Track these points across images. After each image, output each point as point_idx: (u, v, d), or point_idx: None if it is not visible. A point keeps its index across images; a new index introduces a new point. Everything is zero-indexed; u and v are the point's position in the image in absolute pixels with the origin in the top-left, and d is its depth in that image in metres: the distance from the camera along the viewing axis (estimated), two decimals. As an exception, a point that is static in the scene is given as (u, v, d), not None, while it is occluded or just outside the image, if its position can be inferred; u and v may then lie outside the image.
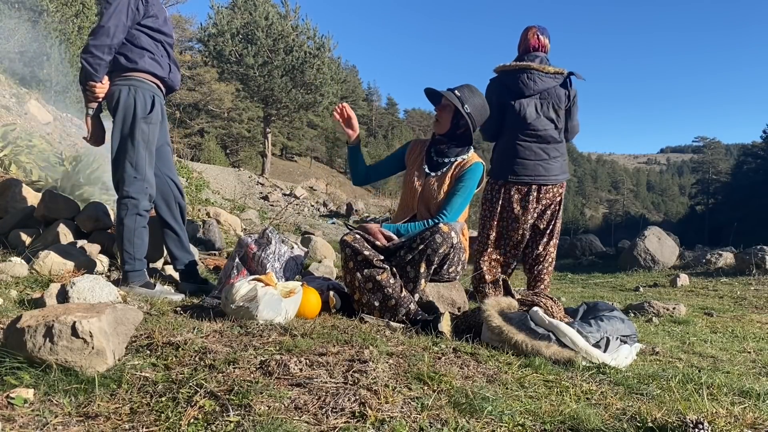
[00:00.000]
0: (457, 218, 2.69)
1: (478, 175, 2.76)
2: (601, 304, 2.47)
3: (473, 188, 2.77)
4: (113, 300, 2.31)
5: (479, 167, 2.77)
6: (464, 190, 2.72)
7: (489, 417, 1.35)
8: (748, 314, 4.15)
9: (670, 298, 4.95)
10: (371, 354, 1.73)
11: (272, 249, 2.81)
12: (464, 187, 2.72)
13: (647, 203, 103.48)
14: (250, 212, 12.39)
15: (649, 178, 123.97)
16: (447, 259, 2.51)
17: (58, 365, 1.43)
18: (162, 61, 2.82)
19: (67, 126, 10.10)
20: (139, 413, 1.27)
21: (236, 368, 1.53)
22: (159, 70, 2.80)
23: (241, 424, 1.21)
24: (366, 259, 2.47)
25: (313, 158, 54.22)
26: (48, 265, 2.77)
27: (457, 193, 2.71)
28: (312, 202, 23.13)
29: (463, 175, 2.74)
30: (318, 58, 26.37)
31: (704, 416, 1.37)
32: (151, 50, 2.76)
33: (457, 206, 2.69)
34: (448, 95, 2.71)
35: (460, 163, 2.78)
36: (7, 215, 3.55)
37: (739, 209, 42.49)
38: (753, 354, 2.74)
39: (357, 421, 1.28)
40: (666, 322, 3.60)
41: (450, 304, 2.68)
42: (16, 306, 2.23)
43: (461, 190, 2.71)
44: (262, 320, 2.10)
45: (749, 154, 56.29)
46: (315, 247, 6.89)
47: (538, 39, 3.48)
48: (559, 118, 3.45)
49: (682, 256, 7.95)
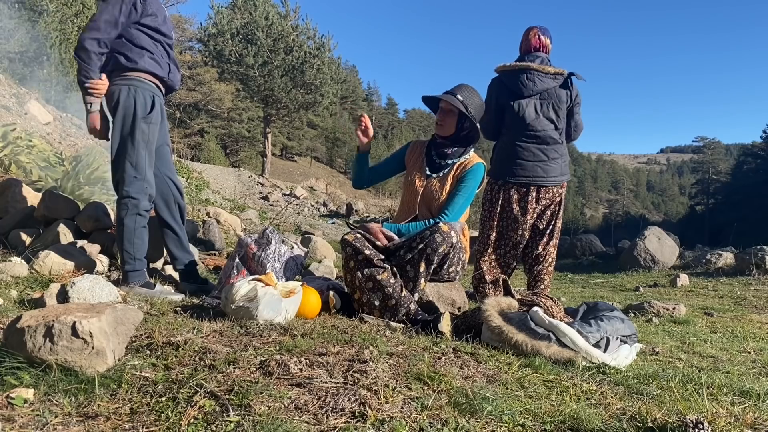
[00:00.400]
0: (458, 218, 2.70)
1: (479, 175, 2.78)
2: (601, 304, 2.47)
3: (475, 188, 2.78)
4: (113, 300, 2.31)
5: (480, 167, 2.79)
6: (466, 191, 2.73)
7: (489, 417, 1.35)
8: (748, 314, 4.15)
9: (670, 298, 4.95)
10: (371, 354, 1.73)
11: (272, 249, 2.81)
12: (466, 187, 2.73)
13: (647, 203, 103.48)
14: (250, 212, 12.40)
15: (649, 178, 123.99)
16: (447, 258, 2.51)
17: (58, 365, 1.43)
18: (161, 61, 2.82)
19: (67, 126, 10.09)
20: (139, 413, 1.27)
21: (236, 368, 1.53)
22: (159, 69, 2.79)
23: (241, 424, 1.21)
24: (367, 259, 2.47)
25: (313, 158, 54.22)
26: (48, 265, 2.77)
27: (459, 193, 2.72)
28: (312, 202, 23.14)
29: (465, 176, 2.75)
30: (318, 58, 26.39)
31: (704, 416, 1.37)
32: (151, 50, 2.76)
33: (459, 206, 2.71)
34: (451, 100, 2.72)
35: (461, 164, 2.79)
36: (7, 215, 3.55)
37: (739, 209, 42.48)
38: (753, 354, 2.74)
39: (357, 421, 1.28)
40: (666, 322, 3.60)
41: (450, 304, 2.68)
42: (16, 306, 2.23)
43: (463, 191, 2.73)
44: (262, 320, 2.10)
45: (749, 154, 56.26)
46: (315, 247, 6.88)
47: (539, 39, 3.48)
48: (559, 118, 3.45)
49: (682, 256, 7.95)
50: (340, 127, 54.65)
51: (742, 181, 51.98)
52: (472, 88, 2.83)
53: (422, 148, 2.93)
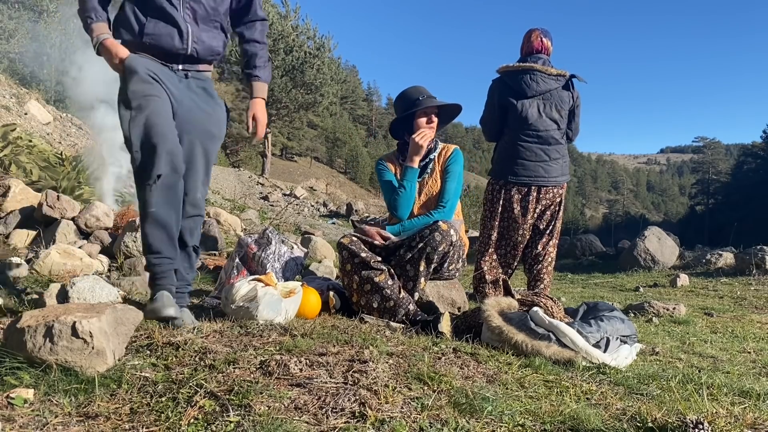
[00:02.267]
0: (456, 204, 2.77)
1: (461, 158, 2.87)
2: (601, 304, 2.47)
3: (461, 171, 2.86)
4: (113, 300, 2.31)
5: (459, 151, 2.89)
6: (454, 176, 2.80)
7: (489, 417, 1.35)
8: (748, 314, 4.15)
9: (670, 299, 4.95)
10: (371, 354, 1.73)
11: (272, 249, 2.82)
12: (453, 172, 2.80)
13: (647, 203, 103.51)
14: (250, 212, 12.40)
15: (649, 178, 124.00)
16: (447, 257, 2.52)
17: (58, 365, 1.43)
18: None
19: (67, 126, 10.09)
20: (139, 413, 1.27)
21: (236, 368, 1.53)
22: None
23: (241, 424, 1.21)
24: (363, 261, 2.48)
25: (313, 158, 54.22)
26: (48, 265, 2.77)
27: (448, 179, 2.78)
28: (312, 202, 23.13)
29: (450, 164, 2.81)
30: (318, 59, 26.39)
31: (704, 416, 1.37)
32: None
33: (453, 191, 2.77)
34: (434, 103, 2.75)
35: (441, 153, 2.85)
36: (7, 215, 3.55)
37: (739, 209, 42.49)
38: (753, 354, 2.74)
39: (357, 421, 1.28)
40: (666, 323, 3.60)
41: (450, 304, 2.68)
42: (16, 306, 2.23)
43: (451, 177, 2.79)
44: (262, 320, 2.10)
45: (749, 155, 56.27)
46: (315, 247, 6.88)
47: (541, 41, 3.49)
48: (562, 119, 3.46)
49: (682, 256, 7.94)
50: (340, 127, 54.67)
51: (742, 181, 51.97)
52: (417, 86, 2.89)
53: (395, 159, 2.94)
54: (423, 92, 2.80)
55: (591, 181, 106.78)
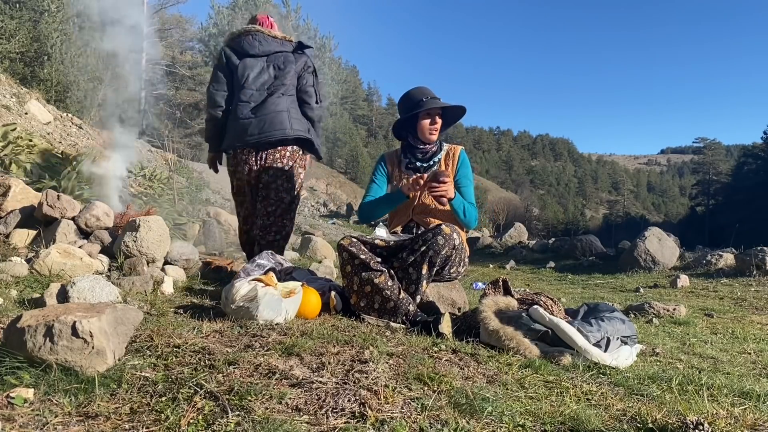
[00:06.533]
0: (476, 206, 2.81)
1: (467, 159, 2.90)
2: (602, 305, 2.47)
3: (471, 171, 2.91)
4: (113, 300, 2.31)
5: (464, 152, 2.90)
6: (469, 179, 2.84)
7: (489, 418, 1.35)
8: (748, 315, 4.14)
9: (671, 299, 4.95)
10: (371, 354, 1.73)
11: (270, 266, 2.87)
12: (468, 176, 2.85)
13: (647, 204, 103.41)
14: (250, 212, 12.35)
15: (649, 179, 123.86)
16: (449, 260, 2.51)
17: (58, 365, 1.43)
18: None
19: (67, 126, 10.10)
20: (139, 413, 1.26)
21: (236, 368, 1.53)
22: None
23: (241, 424, 1.21)
24: (363, 263, 2.47)
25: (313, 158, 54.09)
26: (48, 265, 2.77)
27: (468, 184, 2.83)
28: (312, 202, 23.13)
29: (460, 165, 2.84)
30: (318, 59, 26.41)
31: (704, 417, 1.37)
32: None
33: (471, 192, 2.82)
34: (439, 105, 2.74)
35: (448, 154, 2.85)
36: (7, 215, 3.55)
37: (739, 210, 42.46)
38: (753, 355, 2.73)
39: (357, 421, 1.28)
40: (666, 323, 3.59)
41: (450, 305, 2.68)
42: (16, 306, 2.23)
43: (468, 181, 2.83)
44: (262, 320, 2.10)
45: (750, 155, 56.25)
46: (315, 247, 6.87)
47: None
48: None
49: (683, 257, 7.94)
50: (340, 127, 54.64)
51: (742, 182, 51.96)
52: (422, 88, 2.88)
53: (397, 158, 2.93)
54: (427, 93, 2.78)
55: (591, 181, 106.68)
